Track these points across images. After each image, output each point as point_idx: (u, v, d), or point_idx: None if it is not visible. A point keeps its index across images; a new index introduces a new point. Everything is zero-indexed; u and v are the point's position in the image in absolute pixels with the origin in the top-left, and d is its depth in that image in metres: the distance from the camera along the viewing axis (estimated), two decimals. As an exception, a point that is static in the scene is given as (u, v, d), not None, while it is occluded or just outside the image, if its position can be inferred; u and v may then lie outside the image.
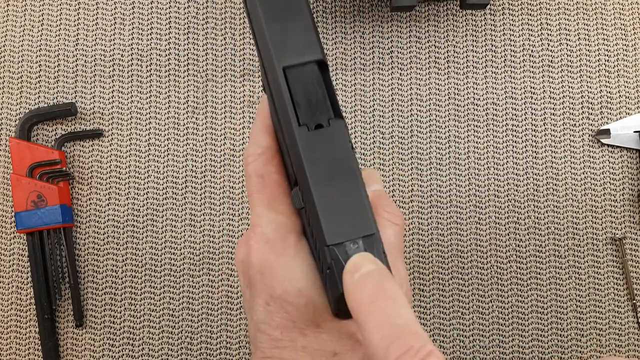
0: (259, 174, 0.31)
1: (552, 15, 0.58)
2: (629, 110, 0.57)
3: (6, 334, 0.56)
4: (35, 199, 0.55)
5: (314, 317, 0.29)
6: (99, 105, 0.58)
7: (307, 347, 0.28)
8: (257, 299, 0.29)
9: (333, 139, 0.28)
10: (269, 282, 0.29)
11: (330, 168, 0.27)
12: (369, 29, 0.58)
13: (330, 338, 0.29)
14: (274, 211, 0.31)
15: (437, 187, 0.57)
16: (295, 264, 0.30)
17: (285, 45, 0.28)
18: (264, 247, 0.30)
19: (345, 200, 0.27)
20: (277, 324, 0.29)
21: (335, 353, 0.29)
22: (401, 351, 0.21)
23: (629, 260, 0.56)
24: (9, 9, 0.59)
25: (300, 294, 0.29)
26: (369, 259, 0.25)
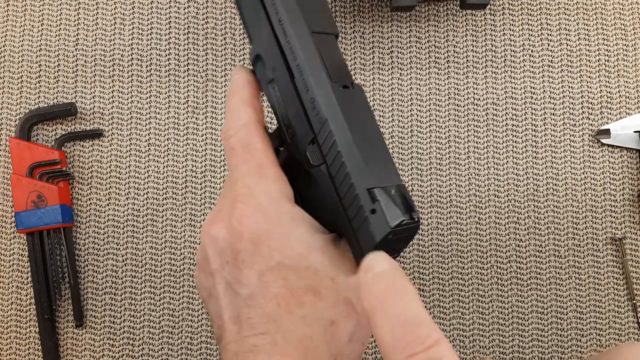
0: (245, 144, 0.31)
1: (552, 15, 0.58)
2: (629, 110, 0.57)
3: (6, 334, 0.56)
4: (35, 199, 0.55)
5: (314, 282, 0.28)
6: (99, 105, 0.58)
7: (305, 316, 0.28)
8: (246, 272, 0.28)
9: (359, 99, 0.31)
10: (265, 252, 0.29)
11: (359, 123, 0.29)
12: (369, 29, 0.58)
13: (327, 305, 0.28)
14: (266, 179, 0.30)
15: (437, 187, 0.57)
16: (293, 229, 0.29)
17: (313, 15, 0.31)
18: (260, 217, 0.29)
19: (376, 153, 0.29)
20: (273, 295, 0.28)
21: (333, 321, 0.28)
22: (408, 340, 0.22)
23: (629, 260, 0.56)
24: (9, 9, 0.59)
25: (301, 258, 0.29)
26: (382, 258, 0.25)
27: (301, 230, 0.30)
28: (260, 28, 0.32)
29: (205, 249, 0.30)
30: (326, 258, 0.29)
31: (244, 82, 0.33)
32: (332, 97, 0.30)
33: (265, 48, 0.32)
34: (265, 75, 0.32)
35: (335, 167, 0.29)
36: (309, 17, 0.31)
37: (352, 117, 0.30)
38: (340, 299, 0.29)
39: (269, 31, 0.32)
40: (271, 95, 0.32)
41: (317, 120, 0.30)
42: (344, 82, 0.31)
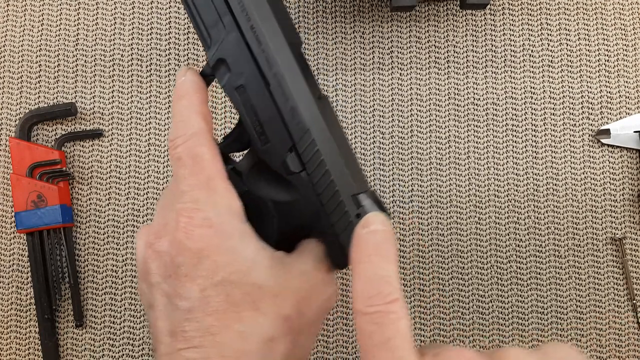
0: (193, 155, 0.30)
1: (552, 15, 0.58)
2: (629, 110, 0.57)
3: (6, 334, 0.56)
4: (35, 199, 0.55)
5: (257, 298, 0.29)
6: (99, 105, 0.58)
7: (243, 332, 0.28)
8: (188, 286, 0.28)
9: (330, 110, 0.32)
10: (211, 267, 0.28)
11: (336, 133, 0.31)
12: (369, 29, 0.58)
13: (267, 321, 0.29)
14: (215, 193, 0.30)
15: (437, 187, 0.57)
16: (240, 245, 0.30)
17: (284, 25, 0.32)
18: (208, 232, 0.29)
19: (353, 162, 0.31)
20: (213, 310, 0.28)
21: (271, 338, 0.29)
22: (373, 293, 0.25)
23: (629, 260, 0.56)
24: (9, 9, 0.59)
25: (246, 274, 0.29)
26: (380, 219, 0.28)
27: (249, 247, 0.30)
28: (225, 32, 0.31)
29: (147, 262, 0.30)
30: (271, 276, 0.30)
31: (193, 86, 0.33)
32: (315, 108, 0.30)
33: (232, 53, 0.31)
34: (230, 81, 0.32)
35: (318, 175, 0.30)
36: (283, 27, 0.31)
37: (330, 128, 0.31)
38: (280, 316, 0.29)
39: (237, 37, 0.31)
40: (238, 101, 0.32)
41: (297, 129, 0.30)
42: (318, 94, 0.31)
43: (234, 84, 0.32)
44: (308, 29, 0.58)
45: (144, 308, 0.32)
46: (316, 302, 0.31)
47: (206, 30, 0.32)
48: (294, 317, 0.29)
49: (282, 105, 0.30)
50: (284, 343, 0.29)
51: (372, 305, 0.25)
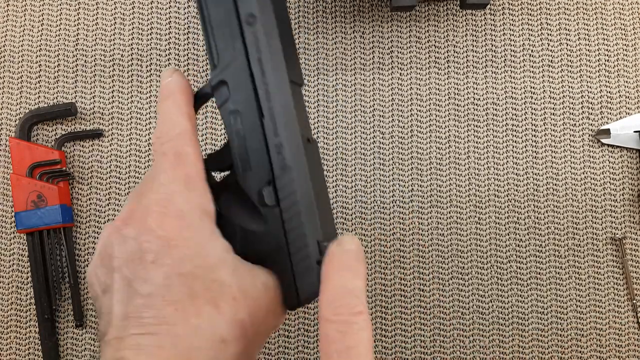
0: (177, 152, 0.31)
1: (552, 15, 0.58)
2: (629, 110, 0.57)
3: (6, 334, 0.56)
4: (35, 199, 0.55)
5: (217, 296, 0.29)
6: (99, 105, 0.58)
7: (199, 327, 0.28)
8: (153, 272, 0.28)
9: (316, 154, 0.34)
10: (178, 257, 0.29)
11: (317, 177, 0.32)
12: (369, 29, 0.58)
13: (223, 322, 0.29)
14: (191, 192, 0.31)
15: (437, 187, 0.57)
16: (211, 242, 0.30)
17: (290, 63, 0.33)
18: (179, 224, 0.29)
19: (326, 208, 0.33)
20: (173, 299, 0.28)
21: (224, 339, 0.29)
22: (340, 303, 0.27)
23: (629, 260, 0.56)
24: (9, 9, 0.59)
25: (211, 270, 0.29)
26: (353, 241, 0.30)
27: (217, 246, 0.30)
28: (232, 57, 0.32)
29: (111, 246, 0.30)
30: (234, 277, 0.30)
31: (180, 86, 0.33)
32: (301, 150, 0.31)
33: (235, 78, 0.32)
34: (228, 103, 0.32)
35: (290, 214, 0.31)
36: (289, 65, 0.32)
37: (312, 172, 0.32)
38: (236, 319, 0.29)
39: (244, 65, 0.32)
40: (231, 124, 0.32)
41: (280, 165, 0.31)
42: (307, 136, 0.32)
43: (231, 107, 0.32)
44: (308, 29, 0.58)
45: (92, 295, 0.32)
46: (268, 317, 0.32)
47: (216, 51, 0.33)
48: (247, 324, 0.30)
49: (271, 139, 0.31)
50: (235, 347, 0.29)
51: (338, 315, 0.27)
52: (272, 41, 0.32)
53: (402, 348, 0.55)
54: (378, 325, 0.55)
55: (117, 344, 0.28)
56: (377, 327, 0.55)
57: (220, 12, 0.32)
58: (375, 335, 0.55)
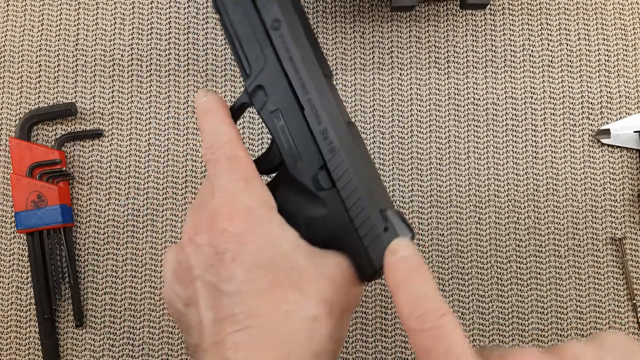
0: (231, 157, 0.33)
1: (552, 15, 0.58)
2: (629, 110, 0.57)
3: (6, 334, 0.56)
4: (35, 199, 0.55)
5: (299, 281, 0.30)
6: (99, 105, 0.58)
7: (290, 311, 0.29)
8: (234, 268, 0.29)
9: (358, 135, 0.36)
10: (254, 250, 0.30)
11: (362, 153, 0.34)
12: (369, 29, 0.58)
13: (311, 303, 0.30)
14: (252, 188, 0.32)
15: (437, 187, 0.57)
16: (282, 232, 0.32)
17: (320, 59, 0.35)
18: (248, 219, 0.31)
19: (377, 180, 0.35)
20: (259, 291, 0.29)
21: (316, 317, 0.30)
22: (420, 312, 0.27)
23: (629, 260, 0.56)
24: (9, 9, 0.59)
25: (288, 257, 0.30)
26: (405, 244, 0.30)
27: (288, 233, 0.32)
28: (264, 62, 0.35)
29: (186, 259, 0.31)
30: (310, 261, 0.31)
31: (217, 102, 0.35)
32: (346, 131, 0.33)
33: (270, 80, 0.35)
34: (268, 105, 0.35)
35: (348, 191, 0.33)
36: (318, 59, 0.35)
37: (358, 149, 0.34)
38: (323, 298, 0.30)
39: (276, 66, 0.34)
40: (274, 123, 0.35)
41: (328, 149, 0.33)
42: (348, 120, 0.35)
43: (271, 108, 0.35)
44: (308, 29, 0.58)
45: (174, 314, 0.33)
46: (349, 294, 0.33)
47: (247, 60, 0.35)
48: (334, 302, 0.31)
49: (315, 127, 0.33)
50: (326, 324, 0.30)
51: (425, 323, 0.27)
52: (299, 40, 0.34)
53: (402, 348, 0.55)
54: (378, 326, 0.55)
55: (216, 348, 0.29)
56: (377, 327, 0.55)
57: (246, 26, 0.35)
58: (375, 335, 0.55)
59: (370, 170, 0.34)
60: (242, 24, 0.35)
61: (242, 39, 0.35)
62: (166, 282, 0.33)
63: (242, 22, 0.35)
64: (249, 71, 0.35)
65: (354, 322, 0.55)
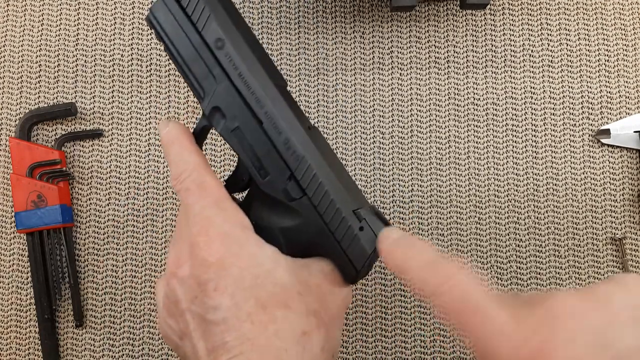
0: (199, 183, 0.33)
1: (552, 15, 0.58)
2: (629, 110, 0.57)
3: (6, 334, 0.56)
4: (35, 199, 0.55)
5: (284, 298, 0.30)
6: (99, 105, 0.58)
7: (278, 330, 0.29)
8: (218, 297, 0.30)
9: (321, 138, 0.36)
10: (236, 273, 0.30)
11: (327, 156, 0.34)
12: (369, 29, 0.58)
13: (298, 318, 0.30)
14: (225, 212, 0.32)
15: (437, 187, 0.57)
16: (261, 250, 0.32)
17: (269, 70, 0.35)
18: (225, 242, 0.31)
19: (348, 181, 0.35)
20: (246, 314, 0.29)
21: (304, 332, 0.30)
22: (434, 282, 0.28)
23: (629, 260, 0.56)
24: (9, 9, 0.59)
25: (270, 275, 0.31)
26: (394, 229, 0.31)
27: (266, 251, 0.32)
28: (215, 82, 0.35)
29: (173, 293, 0.32)
30: (292, 275, 0.31)
31: (179, 131, 0.35)
32: (306, 137, 0.33)
33: (224, 100, 0.34)
34: (226, 125, 0.35)
35: (318, 197, 0.33)
36: (268, 71, 0.35)
37: (323, 153, 0.34)
38: (309, 311, 0.31)
39: (228, 85, 0.34)
40: (235, 142, 0.35)
41: (293, 158, 0.33)
42: (308, 125, 0.35)
43: (230, 127, 0.35)
44: (308, 29, 0.58)
45: (172, 346, 0.34)
46: (337, 298, 0.33)
47: (198, 83, 0.35)
48: (320, 311, 0.31)
49: (276, 139, 0.34)
50: (317, 335, 0.31)
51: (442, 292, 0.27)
52: (245, 55, 0.34)
53: (402, 348, 0.55)
54: (378, 326, 0.55)
55: None
56: (377, 327, 0.55)
57: (190, 49, 0.35)
58: (375, 335, 0.55)
59: (338, 171, 0.34)
60: (185, 47, 0.35)
61: (189, 63, 0.35)
62: (159, 316, 0.34)
63: (185, 46, 0.35)
64: (202, 93, 0.35)
65: (354, 322, 0.55)
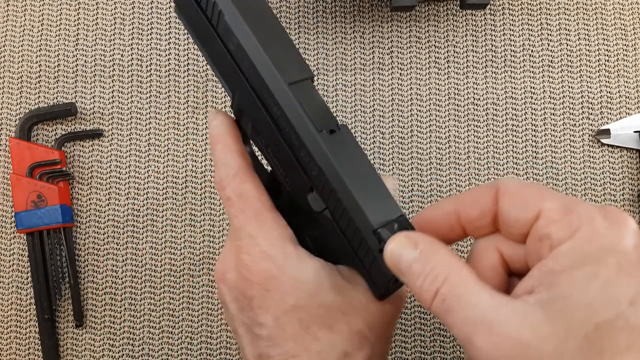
0: (238, 193, 0.32)
1: (552, 15, 0.58)
2: (629, 110, 0.57)
3: (6, 334, 0.56)
4: (35, 199, 0.55)
5: (327, 319, 0.30)
6: (99, 105, 0.58)
7: (321, 351, 0.30)
8: (264, 317, 0.30)
9: (347, 140, 0.31)
10: (278, 296, 0.30)
11: (352, 165, 0.30)
12: (369, 29, 0.58)
13: (341, 338, 0.30)
14: (265, 226, 0.31)
15: (437, 187, 0.57)
16: (300, 269, 0.31)
17: (284, 65, 0.31)
18: (266, 264, 0.30)
19: (372, 191, 0.30)
20: (290, 335, 0.30)
21: (347, 353, 0.30)
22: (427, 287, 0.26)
23: (629, 260, 0.56)
24: (9, 9, 0.59)
25: (312, 297, 0.30)
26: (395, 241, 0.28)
27: (308, 270, 0.31)
28: (238, 83, 0.32)
29: (222, 296, 0.32)
30: (336, 293, 0.31)
31: (224, 128, 0.34)
32: (321, 147, 0.30)
33: (246, 103, 0.32)
34: (251, 129, 0.33)
35: (339, 213, 0.30)
36: (283, 69, 0.31)
37: (344, 162, 0.30)
38: (353, 332, 0.30)
39: (247, 88, 0.32)
40: (261, 146, 0.33)
41: (311, 169, 0.31)
42: (330, 127, 0.31)
43: (254, 131, 0.33)
44: (308, 29, 0.58)
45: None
46: (383, 315, 0.32)
47: (225, 83, 0.33)
48: (365, 331, 0.31)
49: (294, 148, 0.31)
50: (360, 354, 0.30)
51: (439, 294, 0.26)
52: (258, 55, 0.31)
53: (402, 348, 0.55)
54: (378, 325, 0.55)
55: None
56: (377, 327, 0.55)
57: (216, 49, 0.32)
58: (375, 335, 0.55)
59: (365, 180, 0.31)
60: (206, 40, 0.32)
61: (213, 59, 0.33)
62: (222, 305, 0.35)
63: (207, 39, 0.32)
64: (230, 93, 0.33)
65: (354, 322, 0.55)
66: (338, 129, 0.31)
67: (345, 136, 0.31)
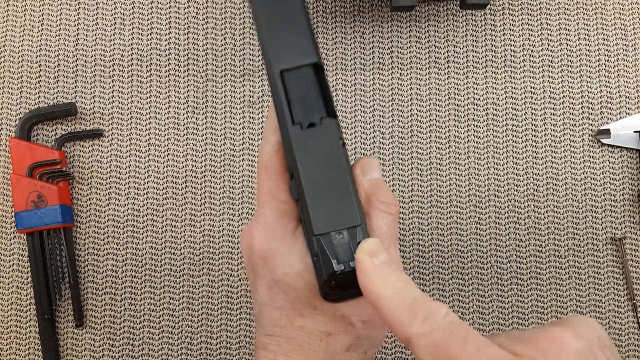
0: (265, 166, 0.34)
1: (552, 15, 0.58)
2: (629, 110, 0.57)
3: (6, 334, 0.56)
4: (35, 199, 0.55)
5: (311, 299, 0.31)
6: (99, 105, 0.58)
7: (303, 326, 0.31)
8: (260, 282, 0.32)
9: (324, 137, 0.30)
10: (271, 267, 0.32)
11: (320, 163, 0.30)
12: (369, 29, 0.58)
13: (325, 319, 0.31)
14: (276, 199, 0.33)
15: (437, 187, 0.57)
16: (294, 248, 0.32)
17: (283, 50, 0.30)
18: (267, 234, 0.32)
19: (333, 194, 0.29)
20: (277, 305, 0.32)
21: (330, 333, 0.31)
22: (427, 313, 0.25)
23: (629, 260, 0.56)
24: (9, 9, 0.59)
25: (299, 276, 0.31)
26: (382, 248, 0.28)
27: (301, 250, 0.32)
28: None
29: (243, 248, 0.35)
30: None
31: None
32: (290, 140, 0.30)
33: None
34: None
35: (300, 206, 0.31)
36: (280, 55, 0.30)
37: (310, 158, 0.29)
38: (337, 315, 0.31)
39: None
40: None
41: (288, 159, 0.31)
42: (310, 120, 0.30)
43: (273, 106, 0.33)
44: (308, 29, 0.58)
45: None
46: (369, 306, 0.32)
47: None
48: (351, 317, 0.32)
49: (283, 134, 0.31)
50: (343, 338, 0.32)
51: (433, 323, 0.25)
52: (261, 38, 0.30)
53: (402, 348, 0.55)
54: (378, 325, 0.55)
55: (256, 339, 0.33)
56: (377, 327, 0.55)
57: None
58: (375, 335, 0.55)
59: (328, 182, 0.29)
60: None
61: None
62: None
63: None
64: None
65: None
66: (320, 123, 0.30)
67: (325, 130, 0.30)
